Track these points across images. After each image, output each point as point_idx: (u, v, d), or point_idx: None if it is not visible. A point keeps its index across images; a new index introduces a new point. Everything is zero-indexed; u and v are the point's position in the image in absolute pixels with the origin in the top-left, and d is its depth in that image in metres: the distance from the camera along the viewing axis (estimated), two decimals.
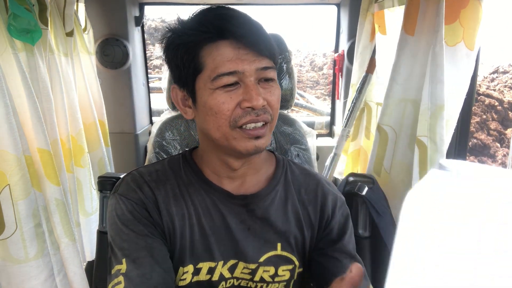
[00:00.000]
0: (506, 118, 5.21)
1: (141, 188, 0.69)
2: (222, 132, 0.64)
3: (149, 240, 0.65)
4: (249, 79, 0.62)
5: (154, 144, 1.12)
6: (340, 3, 1.84)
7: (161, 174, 0.72)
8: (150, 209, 0.68)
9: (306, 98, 5.40)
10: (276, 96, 0.66)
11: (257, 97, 0.61)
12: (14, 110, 0.89)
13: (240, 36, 0.60)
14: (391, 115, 1.09)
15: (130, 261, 0.63)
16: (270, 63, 0.64)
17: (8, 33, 0.90)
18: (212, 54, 0.62)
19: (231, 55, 0.61)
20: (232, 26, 0.61)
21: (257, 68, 0.62)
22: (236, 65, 0.61)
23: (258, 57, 0.62)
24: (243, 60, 0.61)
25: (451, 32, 0.92)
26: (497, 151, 4.89)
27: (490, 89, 5.53)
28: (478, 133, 5.03)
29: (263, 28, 0.65)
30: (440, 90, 0.90)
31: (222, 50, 0.61)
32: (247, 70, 0.61)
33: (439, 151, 0.91)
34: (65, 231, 1.04)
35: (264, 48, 0.62)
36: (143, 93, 1.86)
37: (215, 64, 0.61)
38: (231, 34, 0.60)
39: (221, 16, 0.62)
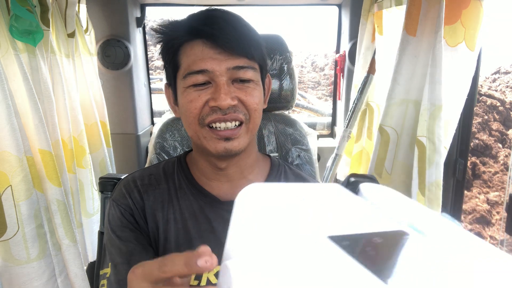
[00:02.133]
0: (508, 118, 5.19)
1: (130, 194, 0.71)
2: (193, 130, 0.65)
3: (131, 246, 0.67)
4: (219, 78, 0.61)
5: (155, 145, 1.12)
6: (341, 4, 1.84)
7: (154, 179, 0.74)
8: (136, 216, 0.70)
9: (307, 99, 5.40)
10: (254, 97, 0.64)
11: (224, 96, 0.60)
12: (15, 111, 0.90)
13: (213, 36, 0.60)
14: (392, 116, 1.08)
15: (113, 266, 0.67)
16: (246, 63, 0.63)
17: (10, 34, 0.90)
18: (186, 53, 0.63)
19: (202, 54, 0.61)
20: (206, 26, 0.61)
21: (229, 68, 0.61)
22: (205, 64, 0.61)
23: (231, 57, 0.61)
24: (214, 59, 0.61)
25: (452, 33, 0.92)
26: (499, 151, 4.88)
27: (492, 89, 5.52)
28: (479, 133, 5.01)
29: (249, 29, 0.64)
30: (439, 91, 0.90)
31: (195, 49, 0.62)
32: (217, 69, 0.61)
33: (437, 152, 0.91)
34: (66, 232, 1.04)
35: (239, 48, 0.61)
36: (144, 94, 1.86)
37: (188, 63, 0.63)
38: (204, 34, 0.61)
39: (201, 17, 0.64)
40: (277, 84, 1.13)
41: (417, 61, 1.01)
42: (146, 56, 1.88)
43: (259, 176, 0.74)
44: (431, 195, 0.92)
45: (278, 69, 1.13)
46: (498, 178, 4.59)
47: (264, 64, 0.68)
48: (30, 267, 0.94)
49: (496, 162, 4.79)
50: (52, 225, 1.02)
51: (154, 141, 1.11)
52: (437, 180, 0.92)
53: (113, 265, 0.67)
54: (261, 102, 0.67)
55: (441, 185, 0.92)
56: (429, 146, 0.92)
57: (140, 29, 1.78)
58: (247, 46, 0.62)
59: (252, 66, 0.64)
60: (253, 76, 0.64)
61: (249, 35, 0.64)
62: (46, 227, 1.00)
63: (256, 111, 0.65)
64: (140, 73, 1.79)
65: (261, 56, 0.66)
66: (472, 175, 4.67)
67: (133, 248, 0.67)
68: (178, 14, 0.70)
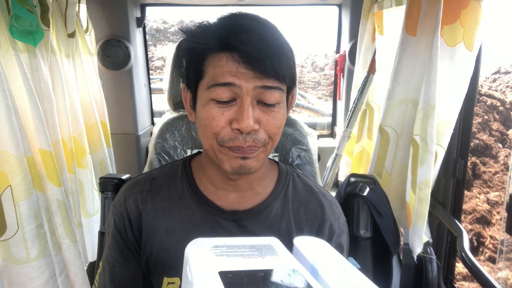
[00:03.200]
0: (508, 118, 5.19)
1: (126, 201, 0.71)
2: (210, 144, 0.62)
3: (115, 257, 0.71)
4: (245, 96, 0.58)
5: (155, 145, 1.12)
6: (341, 4, 1.84)
7: (155, 184, 0.73)
8: (126, 226, 0.70)
9: (307, 99, 5.39)
10: (277, 120, 0.61)
11: (247, 119, 0.57)
12: (16, 111, 0.90)
13: (243, 52, 0.57)
14: (392, 116, 1.08)
15: (102, 267, 0.72)
16: (275, 83, 0.59)
17: (10, 34, 0.90)
18: (213, 63, 0.60)
19: (230, 68, 0.58)
20: (237, 40, 0.57)
21: (256, 86, 0.58)
22: (233, 78, 0.58)
23: (260, 75, 0.57)
24: (242, 74, 0.57)
25: (451, 33, 0.92)
26: (499, 151, 4.88)
27: (492, 89, 5.52)
28: (480, 133, 5.01)
29: (282, 44, 0.60)
30: (433, 90, 0.90)
31: (223, 61, 0.58)
32: (244, 85, 0.57)
33: (429, 151, 0.91)
34: (66, 232, 1.04)
35: (271, 67, 0.57)
36: (144, 94, 1.86)
37: (214, 73, 0.59)
38: (234, 48, 0.57)
39: (232, 27, 0.60)
40: None
41: (416, 61, 1.01)
42: (146, 56, 1.88)
43: (267, 188, 0.72)
44: (421, 193, 0.92)
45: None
46: (498, 178, 4.59)
47: (292, 84, 0.65)
48: (30, 267, 0.94)
49: (496, 162, 4.79)
50: (52, 225, 1.02)
51: (154, 141, 1.11)
52: (426, 179, 0.92)
53: (102, 267, 0.72)
54: (283, 124, 0.64)
55: (430, 185, 0.92)
56: (422, 145, 0.92)
57: (140, 29, 1.78)
58: (278, 66, 0.58)
59: (280, 87, 0.60)
60: (279, 98, 0.61)
61: (283, 53, 0.60)
62: (46, 227, 1.00)
63: (276, 134, 0.62)
64: (140, 73, 1.79)
65: (291, 75, 0.63)
66: (472, 175, 4.67)
67: (116, 259, 0.71)
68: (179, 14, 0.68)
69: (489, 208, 4.22)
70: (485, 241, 3.95)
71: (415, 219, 0.94)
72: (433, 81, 0.89)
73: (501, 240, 3.73)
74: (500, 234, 3.89)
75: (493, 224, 4.12)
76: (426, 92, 0.91)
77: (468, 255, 0.94)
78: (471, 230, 4.03)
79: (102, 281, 0.72)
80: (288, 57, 0.61)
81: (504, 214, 1.17)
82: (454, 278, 1.18)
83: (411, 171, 0.97)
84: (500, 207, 4.23)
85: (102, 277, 0.72)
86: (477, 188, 4.55)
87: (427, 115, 0.90)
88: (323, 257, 0.46)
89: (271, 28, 0.61)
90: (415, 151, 0.95)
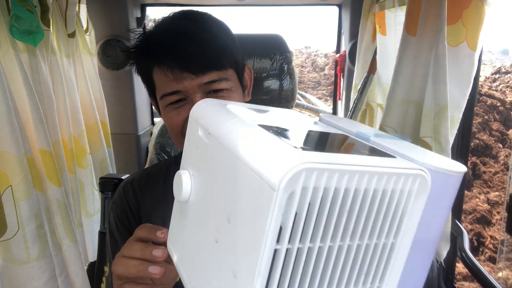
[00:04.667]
0: (508, 118, 5.19)
1: (126, 195, 0.73)
2: (180, 142, 0.65)
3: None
4: (193, 95, 0.62)
5: (155, 145, 1.12)
6: (341, 4, 1.84)
7: (151, 178, 0.75)
8: (129, 217, 0.72)
9: (307, 99, 5.39)
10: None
11: None
12: (16, 111, 0.90)
13: (178, 58, 0.60)
14: (393, 116, 1.08)
15: (109, 267, 0.71)
16: (217, 76, 0.62)
17: (10, 34, 0.90)
18: (157, 75, 0.64)
19: (171, 76, 0.61)
20: (169, 47, 0.61)
21: (200, 84, 0.61)
22: (177, 85, 0.61)
23: (200, 74, 0.61)
24: (184, 78, 0.61)
25: (453, 33, 0.92)
26: (499, 151, 4.88)
27: (492, 89, 5.52)
28: (480, 133, 5.01)
29: (215, 36, 0.63)
30: (443, 91, 0.90)
31: (163, 72, 0.62)
32: (189, 88, 0.61)
33: (444, 151, 0.91)
34: (66, 232, 1.04)
35: (206, 64, 0.61)
36: (144, 94, 1.85)
37: (160, 85, 0.64)
38: (168, 57, 0.61)
39: (164, 34, 0.63)
40: (277, 84, 1.13)
41: (417, 61, 1.01)
42: None
43: None
44: None
45: (278, 69, 1.13)
46: (498, 178, 4.59)
47: (238, 66, 0.67)
48: (30, 267, 0.94)
49: (497, 162, 4.79)
50: (53, 225, 1.02)
51: (155, 141, 1.11)
52: None
53: (110, 266, 0.71)
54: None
55: None
56: (435, 146, 0.91)
57: (140, 29, 1.77)
58: (215, 59, 0.61)
59: (224, 77, 0.63)
60: (227, 85, 0.64)
61: (217, 44, 0.62)
62: (47, 227, 1.00)
63: None
64: None
65: (233, 60, 0.65)
66: (473, 175, 4.67)
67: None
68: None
69: (489, 208, 4.23)
70: (485, 241, 3.95)
71: None
72: (442, 81, 0.89)
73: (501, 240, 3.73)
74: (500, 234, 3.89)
75: (493, 224, 4.12)
76: (435, 92, 0.90)
77: (468, 255, 0.94)
78: (471, 230, 4.03)
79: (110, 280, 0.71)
80: (224, 44, 0.63)
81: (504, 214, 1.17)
82: (454, 278, 1.18)
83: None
84: (500, 207, 4.23)
85: (110, 276, 0.71)
86: (477, 188, 4.55)
87: (439, 115, 0.90)
88: (366, 130, 0.39)
89: (202, 23, 0.64)
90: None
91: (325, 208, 0.25)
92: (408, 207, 0.27)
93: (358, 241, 0.27)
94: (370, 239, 0.27)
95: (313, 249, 0.25)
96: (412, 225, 0.28)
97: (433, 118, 0.91)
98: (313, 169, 0.23)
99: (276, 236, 0.24)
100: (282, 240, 0.24)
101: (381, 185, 0.26)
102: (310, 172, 0.23)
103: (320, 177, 0.23)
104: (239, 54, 0.68)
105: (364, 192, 0.25)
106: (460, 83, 0.95)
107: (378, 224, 0.27)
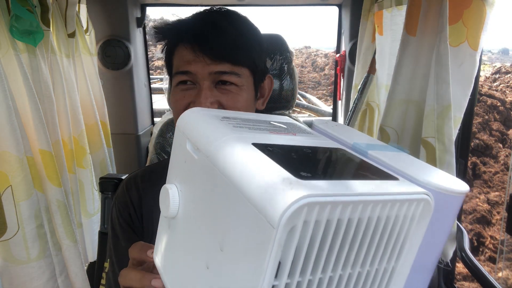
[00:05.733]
0: (509, 118, 5.19)
1: (129, 192, 0.73)
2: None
3: (126, 245, 0.70)
4: (202, 81, 0.64)
5: (155, 145, 1.12)
6: (341, 4, 1.84)
7: (154, 175, 0.75)
8: (132, 214, 0.72)
9: (307, 99, 5.39)
10: (236, 102, 0.65)
11: (204, 100, 0.62)
12: (16, 111, 0.90)
13: (198, 41, 0.63)
14: (393, 116, 1.08)
15: (111, 263, 0.71)
16: (230, 68, 0.64)
17: (10, 34, 0.90)
18: (177, 54, 0.67)
19: (188, 57, 0.64)
20: (194, 30, 0.64)
21: (211, 72, 0.63)
22: (189, 66, 0.64)
23: (214, 62, 0.63)
24: (198, 62, 0.63)
25: (454, 33, 0.92)
26: (499, 151, 4.88)
27: (492, 89, 5.52)
28: (480, 133, 5.01)
29: (241, 33, 0.65)
30: (446, 91, 0.90)
31: (184, 51, 0.65)
32: (200, 72, 0.63)
33: (447, 151, 0.91)
34: (66, 232, 1.04)
35: (222, 54, 0.63)
36: (144, 94, 1.86)
37: (177, 63, 0.67)
38: (190, 39, 0.64)
39: (194, 20, 0.67)
40: (277, 84, 1.13)
41: (417, 61, 1.01)
42: (146, 56, 1.87)
43: None
44: None
45: (278, 69, 1.13)
46: (498, 178, 4.59)
47: (256, 68, 0.69)
48: (30, 267, 0.94)
49: (497, 162, 4.78)
50: (53, 225, 1.02)
51: (155, 141, 1.11)
52: None
53: (111, 262, 0.71)
54: (245, 106, 0.67)
55: None
56: (439, 147, 0.91)
57: (140, 29, 1.77)
58: (232, 52, 0.63)
59: (236, 72, 0.65)
60: (237, 81, 0.65)
61: (239, 40, 0.64)
62: (47, 227, 1.00)
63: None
64: (140, 73, 1.79)
65: (251, 61, 0.67)
66: (473, 175, 4.67)
67: (125, 248, 0.69)
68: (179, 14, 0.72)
69: (489, 208, 4.23)
70: (485, 241, 3.95)
71: None
72: (445, 81, 0.89)
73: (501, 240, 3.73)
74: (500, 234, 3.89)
75: (493, 224, 4.12)
76: (438, 92, 0.90)
77: (468, 255, 0.94)
78: (471, 230, 4.03)
79: (112, 277, 0.71)
80: (245, 43, 0.66)
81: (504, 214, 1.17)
82: (454, 278, 1.18)
83: None
84: (500, 207, 4.23)
85: (111, 273, 0.71)
86: (477, 188, 4.55)
87: (442, 115, 0.90)
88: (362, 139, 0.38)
89: (234, 20, 0.67)
90: (430, 153, 0.93)
91: (327, 240, 0.23)
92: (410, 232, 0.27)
93: (359, 269, 0.26)
94: (371, 265, 0.27)
95: (313, 281, 0.24)
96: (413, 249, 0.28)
97: (436, 118, 0.91)
98: (315, 203, 0.22)
99: (274, 272, 0.22)
100: (281, 276, 0.23)
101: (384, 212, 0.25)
102: (312, 206, 0.22)
103: (323, 210, 0.22)
104: (261, 60, 0.70)
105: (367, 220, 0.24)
106: (462, 83, 0.95)
107: (380, 251, 0.27)
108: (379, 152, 0.34)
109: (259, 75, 0.70)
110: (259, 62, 0.69)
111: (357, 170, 0.29)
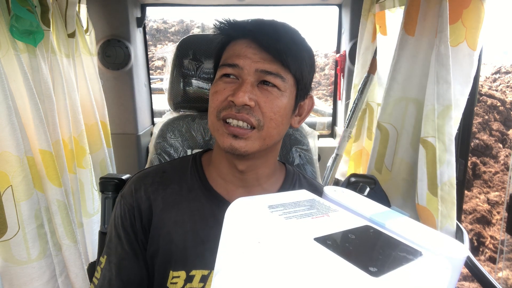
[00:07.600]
0: (509, 118, 5.19)
1: (137, 192, 0.71)
2: (211, 121, 0.66)
3: (125, 250, 0.69)
4: (246, 76, 0.62)
5: (155, 145, 1.12)
6: (341, 4, 1.84)
7: (166, 177, 0.73)
8: (136, 216, 0.70)
9: None
10: (274, 105, 0.63)
11: (242, 93, 0.60)
12: (16, 111, 0.90)
13: (254, 36, 0.63)
14: (391, 113, 1.09)
15: (107, 261, 0.70)
16: (277, 70, 0.62)
17: (10, 34, 0.90)
18: (229, 48, 0.66)
19: (238, 51, 0.64)
20: (252, 27, 0.64)
21: (257, 69, 0.62)
22: (238, 60, 0.63)
23: (264, 60, 0.62)
24: (247, 57, 0.62)
25: (453, 33, 0.92)
26: (499, 151, 4.88)
27: (492, 89, 5.52)
28: (480, 133, 5.01)
29: (295, 43, 0.65)
30: (447, 91, 0.90)
31: (236, 46, 0.65)
32: (247, 67, 0.62)
33: (448, 151, 0.91)
34: (66, 232, 1.04)
35: (275, 52, 0.62)
36: (144, 94, 1.86)
37: (226, 56, 0.66)
38: (247, 34, 0.64)
39: (254, 21, 0.67)
40: None
41: (416, 60, 1.01)
42: (146, 56, 1.88)
43: (274, 186, 0.74)
44: (444, 194, 0.91)
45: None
46: (498, 178, 4.59)
47: (301, 79, 0.66)
48: (30, 267, 0.94)
49: (497, 162, 4.78)
50: (53, 225, 1.02)
51: (155, 141, 1.11)
52: (450, 179, 0.91)
53: (108, 261, 0.70)
54: (281, 114, 0.64)
55: (454, 184, 0.91)
56: (439, 146, 0.91)
57: (140, 29, 1.78)
58: (283, 54, 0.62)
59: (282, 75, 0.63)
60: (280, 85, 0.63)
61: (292, 47, 0.63)
62: (47, 227, 1.00)
63: (272, 120, 0.63)
64: (140, 73, 1.79)
65: (299, 70, 0.65)
66: (473, 175, 4.67)
67: (126, 252, 0.69)
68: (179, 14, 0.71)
69: (489, 208, 4.22)
70: (485, 241, 3.95)
71: (442, 221, 0.93)
72: (446, 81, 0.89)
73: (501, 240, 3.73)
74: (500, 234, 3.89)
75: (493, 224, 4.12)
76: (438, 92, 0.90)
77: (468, 255, 0.94)
78: (471, 230, 4.03)
79: (107, 275, 0.69)
80: (298, 52, 0.65)
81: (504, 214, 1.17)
82: None
83: (427, 174, 0.94)
84: (500, 207, 4.23)
85: (107, 271, 0.70)
86: (477, 188, 4.54)
87: (443, 116, 0.90)
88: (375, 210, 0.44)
89: (289, 29, 0.67)
90: (431, 153, 0.93)
91: None
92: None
93: None
94: None
95: None
96: None
97: (437, 117, 0.91)
98: None
99: None
100: None
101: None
102: None
103: None
104: (308, 75, 0.68)
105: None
106: (460, 82, 0.95)
107: None
108: (393, 221, 0.41)
109: (302, 89, 0.68)
110: (306, 75, 0.67)
111: (396, 251, 0.34)
